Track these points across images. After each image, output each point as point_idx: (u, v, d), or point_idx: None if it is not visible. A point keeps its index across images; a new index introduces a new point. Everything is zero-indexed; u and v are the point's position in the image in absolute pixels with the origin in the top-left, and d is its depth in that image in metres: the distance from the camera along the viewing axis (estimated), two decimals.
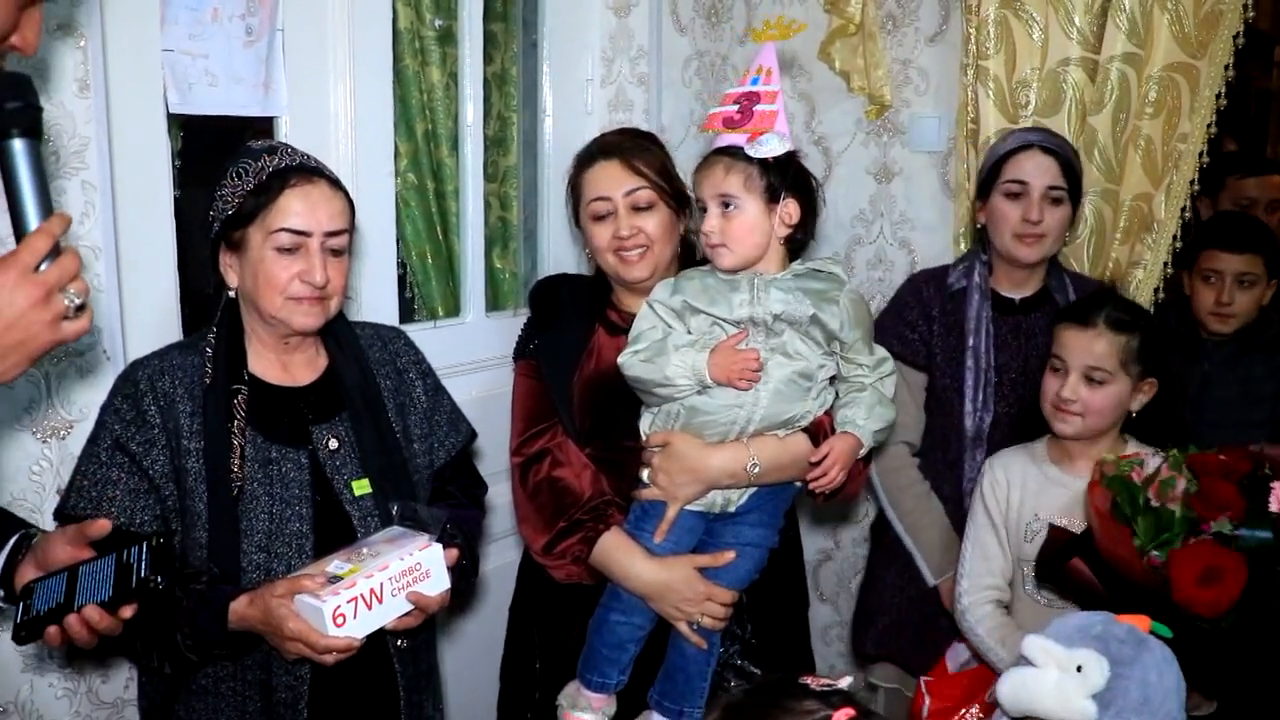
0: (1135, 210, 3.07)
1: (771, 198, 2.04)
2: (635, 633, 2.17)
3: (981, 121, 3.03)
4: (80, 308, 1.34)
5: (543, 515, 2.22)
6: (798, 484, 2.19)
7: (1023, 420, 2.50)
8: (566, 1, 3.02)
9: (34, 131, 1.35)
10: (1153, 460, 2.03)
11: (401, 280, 2.76)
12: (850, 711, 1.25)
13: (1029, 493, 2.39)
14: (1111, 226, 3.07)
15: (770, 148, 2.01)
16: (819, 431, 2.14)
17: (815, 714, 1.27)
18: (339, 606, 1.70)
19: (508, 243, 3.12)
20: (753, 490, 2.14)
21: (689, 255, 2.33)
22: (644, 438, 2.16)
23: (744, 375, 2.01)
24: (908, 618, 2.77)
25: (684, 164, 3.17)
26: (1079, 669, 1.57)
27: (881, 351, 2.19)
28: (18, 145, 1.33)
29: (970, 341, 2.61)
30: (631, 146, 2.28)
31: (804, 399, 2.10)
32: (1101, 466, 2.09)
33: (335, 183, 1.91)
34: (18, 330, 1.29)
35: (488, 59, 2.90)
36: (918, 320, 2.65)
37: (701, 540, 2.17)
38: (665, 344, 2.06)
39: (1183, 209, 3.08)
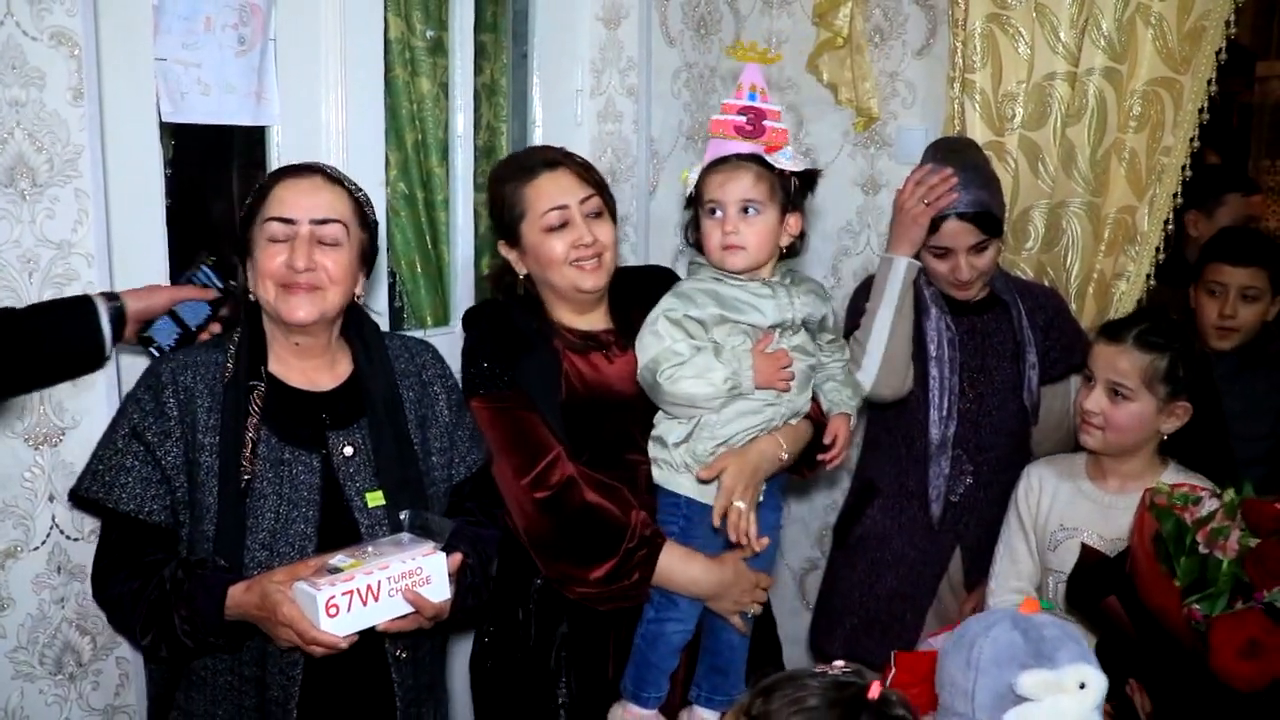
0: (1119, 223, 3.11)
1: (786, 208, 2.19)
2: (687, 638, 2.23)
3: (968, 134, 3.05)
4: None
5: (591, 546, 2.16)
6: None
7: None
8: (556, 13, 3.03)
9: None
10: (1208, 502, 1.98)
11: (391, 289, 2.77)
12: (879, 685, 1.34)
13: (1059, 502, 2.43)
14: (1093, 238, 3.10)
15: (794, 162, 2.17)
16: (811, 414, 2.31)
17: (848, 688, 1.34)
18: (333, 597, 1.71)
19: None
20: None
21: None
22: (657, 452, 2.23)
23: (783, 377, 2.16)
24: (875, 617, 2.79)
25: (674, 173, 3.21)
26: (1081, 685, 1.51)
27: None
28: None
29: (932, 352, 2.64)
30: (570, 158, 2.28)
31: (808, 389, 2.28)
32: (1152, 495, 2.04)
33: (333, 178, 1.95)
34: None
35: (478, 70, 2.91)
36: None
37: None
38: (708, 357, 2.13)
39: (1165, 221, 3.12)
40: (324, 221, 1.90)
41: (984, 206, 2.56)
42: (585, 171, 2.27)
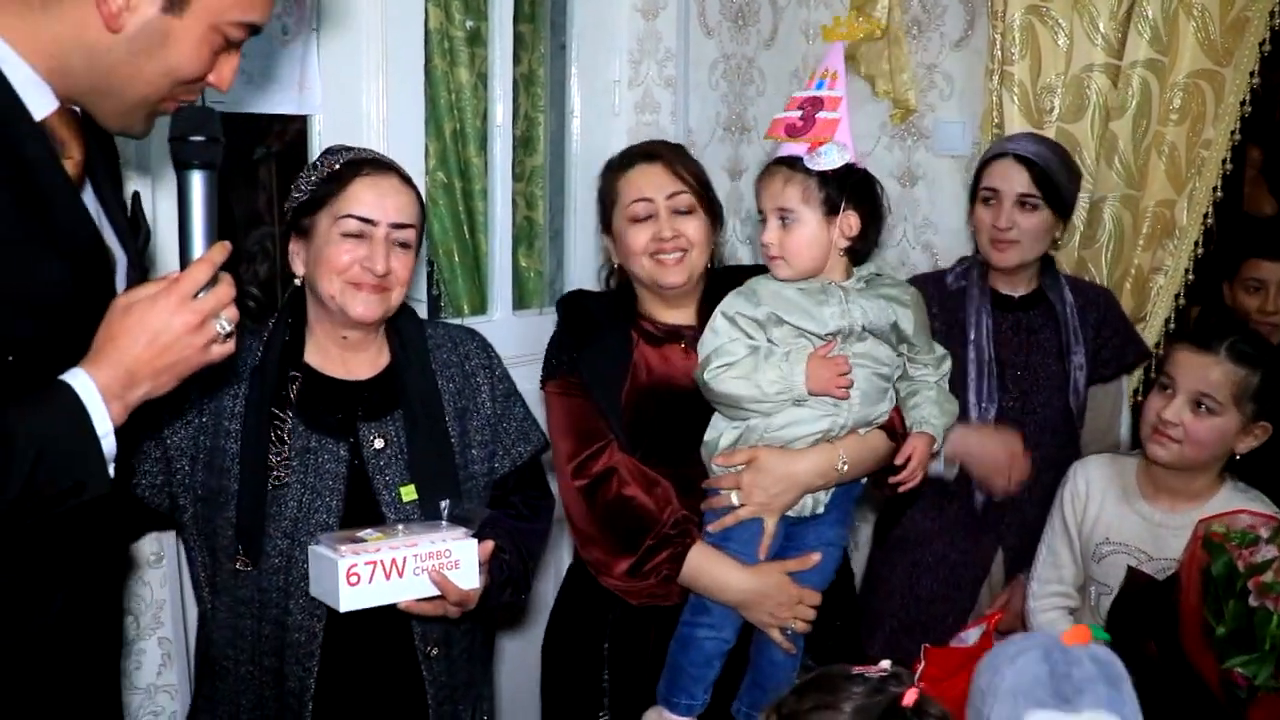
0: (1158, 216, 3.09)
1: (831, 210, 2.05)
2: (723, 646, 2.14)
3: (1006, 126, 3.03)
4: (229, 334, 1.41)
5: (621, 538, 2.15)
6: (863, 479, 2.21)
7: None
8: (595, 4, 3.04)
9: (211, 165, 1.42)
10: (1265, 548, 1.84)
11: (429, 278, 2.79)
12: (915, 692, 1.29)
13: (1106, 513, 2.34)
14: (1132, 232, 3.08)
15: (829, 160, 2.01)
16: (890, 427, 2.18)
17: (883, 693, 1.30)
18: (355, 565, 1.70)
19: (534, 242, 3.14)
20: (834, 490, 2.15)
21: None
22: (708, 456, 2.13)
23: (840, 384, 2.03)
24: (916, 619, 2.77)
25: (710, 167, 3.20)
26: None
27: (940, 349, 2.25)
28: (196, 177, 1.41)
29: (971, 335, 2.64)
30: (673, 153, 2.28)
31: (883, 400, 2.14)
32: (1208, 527, 1.92)
33: (407, 180, 1.96)
34: (172, 352, 1.36)
35: (516, 60, 2.93)
36: None
37: (780, 544, 2.14)
38: (758, 358, 2.04)
39: (1204, 215, 3.09)
40: (402, 226, 1.91)
41: (1040, 159, 2.58)
42: (681, 167, 2.24)
